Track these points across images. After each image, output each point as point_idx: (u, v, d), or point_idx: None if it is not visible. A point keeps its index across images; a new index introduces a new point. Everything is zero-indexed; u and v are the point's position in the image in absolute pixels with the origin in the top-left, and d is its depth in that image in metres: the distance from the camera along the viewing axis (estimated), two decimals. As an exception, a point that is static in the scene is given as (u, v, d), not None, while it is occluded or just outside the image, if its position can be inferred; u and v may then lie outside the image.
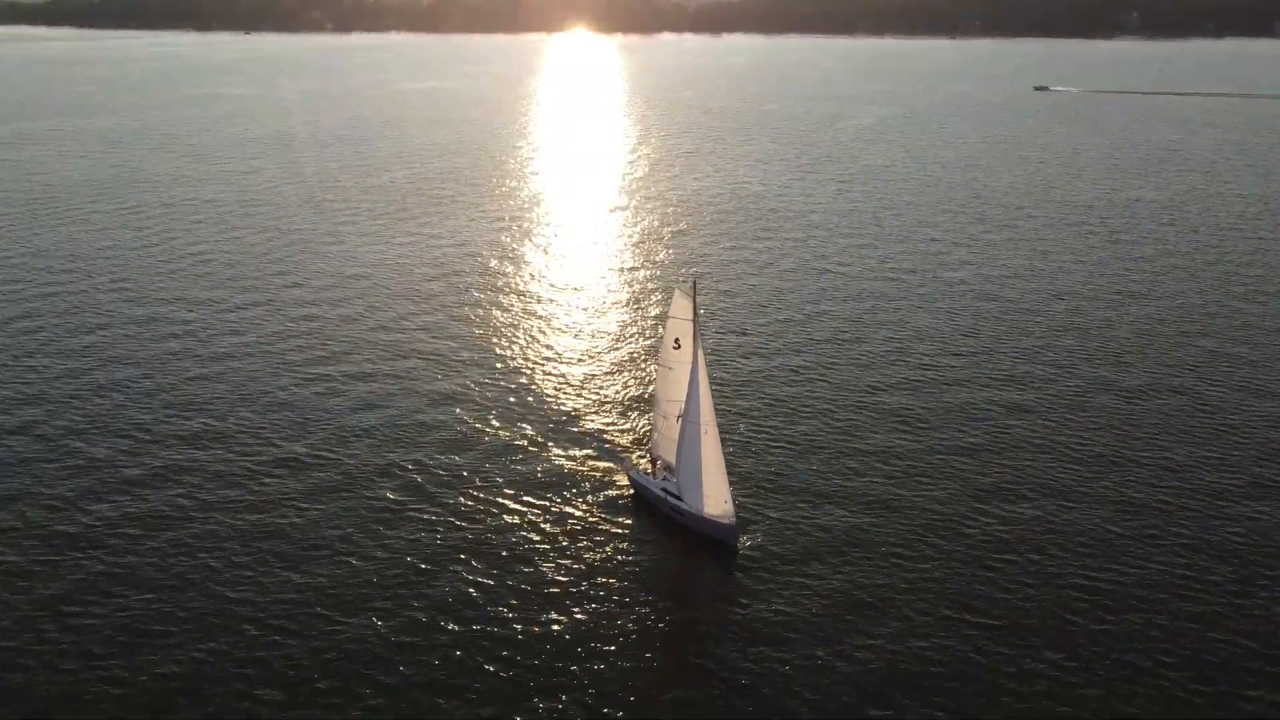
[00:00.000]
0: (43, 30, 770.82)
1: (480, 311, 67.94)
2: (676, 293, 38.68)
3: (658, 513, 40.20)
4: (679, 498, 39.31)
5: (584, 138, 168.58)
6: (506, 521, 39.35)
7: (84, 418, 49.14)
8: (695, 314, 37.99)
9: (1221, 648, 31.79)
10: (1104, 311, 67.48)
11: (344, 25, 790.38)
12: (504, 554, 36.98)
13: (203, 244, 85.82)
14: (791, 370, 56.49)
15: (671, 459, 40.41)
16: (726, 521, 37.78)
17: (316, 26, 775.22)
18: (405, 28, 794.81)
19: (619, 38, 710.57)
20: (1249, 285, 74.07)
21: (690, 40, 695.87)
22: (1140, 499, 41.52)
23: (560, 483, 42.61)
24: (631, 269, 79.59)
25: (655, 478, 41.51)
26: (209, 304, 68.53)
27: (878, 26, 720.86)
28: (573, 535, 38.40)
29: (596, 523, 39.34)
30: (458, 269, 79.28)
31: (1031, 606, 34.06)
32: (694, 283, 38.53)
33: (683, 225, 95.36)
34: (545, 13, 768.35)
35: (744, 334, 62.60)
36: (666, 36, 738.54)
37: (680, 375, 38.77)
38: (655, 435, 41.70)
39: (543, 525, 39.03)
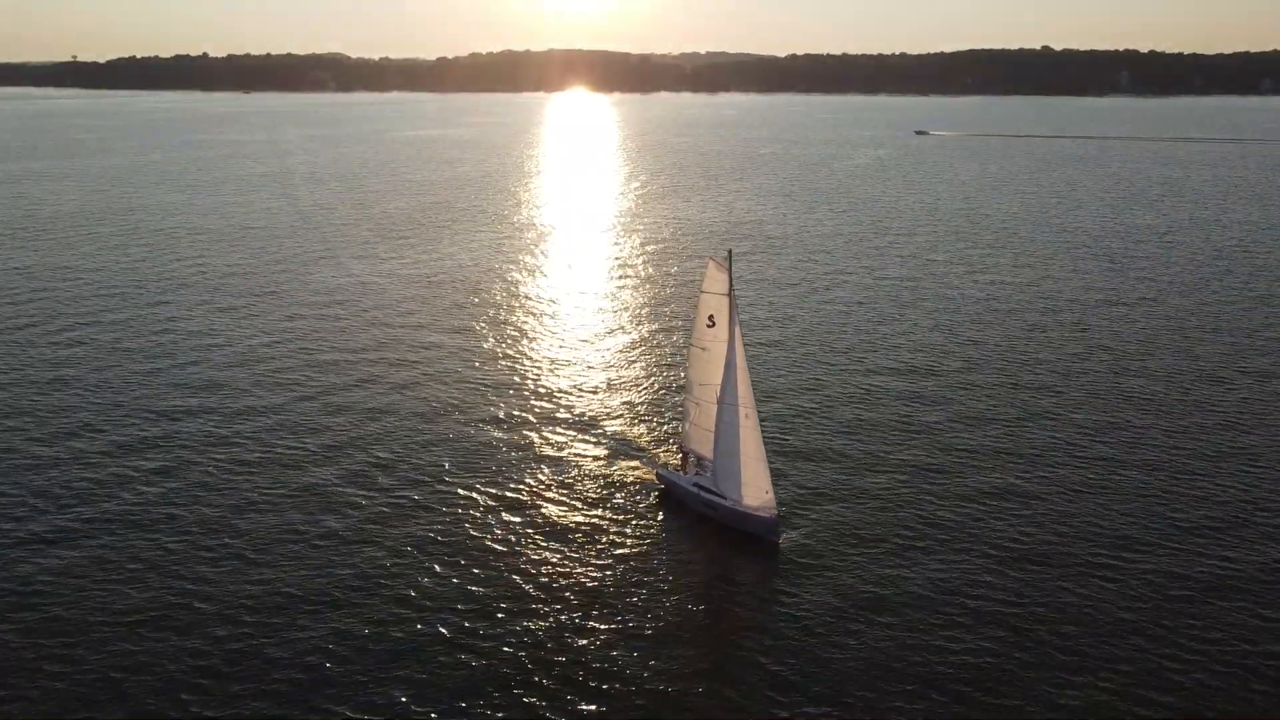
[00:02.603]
0: (49, 90, 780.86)
1: (490, 318, 64.99)
2: (710, 265, 35.58)
3: (690, 511, 36.59)
4: (714, 492, 35.78)
5: (583, 173, 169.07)
6: (528, 530, 35.60)
7: (73, 419, 45.79)
8: (731, 287, 34.93)
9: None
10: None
11: (346, 84, 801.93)
12: (527, 563, 33.23)
13: (197, 261, 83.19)
14: (825, 360, 53.33)
15: (704, 451, 36.95)
16: (767, 514, 34.19)
17: (319, 86, 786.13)
18: (407, 87, 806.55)
19: (617, 95, 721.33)
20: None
21: (687, 97, 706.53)
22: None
23: (583, 486, 38.95)
24: (637, 279, 76.99)
25: (686, 473, 38.02)
26: (206, 315, 65.53)
27: (870, 85, 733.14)
28: (598, 541, 34.60)
29: (623, 526, 35.56)
30: (465, 278, 77.07)
31: (1084, 606, 30.53)
32: (729, 253, 35.44)
33: (685, 244, 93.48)
34: (544, 73, 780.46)
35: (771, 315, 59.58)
36: (664, 95, 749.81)
37: (715, 355, 35.51)
38: (686, 426, 38.23)
39: (566, 532, 35.25)
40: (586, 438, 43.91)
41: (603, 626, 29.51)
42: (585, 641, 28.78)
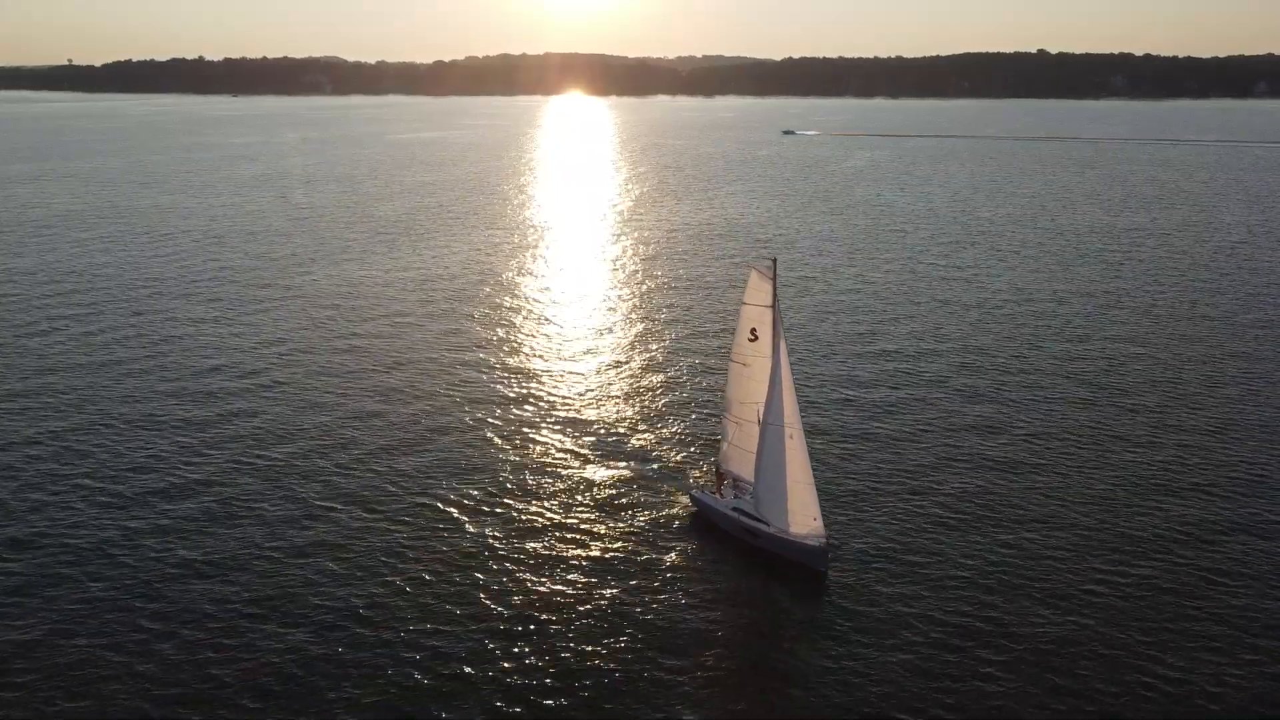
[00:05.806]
0: (45, 94, 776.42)
1: (504, 329, 62.83)
2: (753, 275, 33.46)
3: (727, 537, 34.46)
4: (755, 517, 33.64)
5: (584, 175, 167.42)
6: (549, 556, 33.44)
7: (64, 419, 43.54)
8: (775, 298, 32.83)
9: None
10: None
11: (343, 88, 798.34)
12: (549, 591, 31.08)
13: (193, 263, 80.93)
14: (866, 374, 51.27)
15: (744, 473, 34.81)
16: (814, 542, 32.05)
17: (315, 89, 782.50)
18: (403, 90, 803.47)
19: (613, 99, 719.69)
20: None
21: (683, 100, 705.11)
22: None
23: (608, 508, 36.77)
24: (655, 285, 74.89)
25: (723, 496, 35.89)
26: (203, 316, 63.25)
27: (866, 88, 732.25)
28: (628, 569, 32.38)
29: (654, 553, 33.37)
30: (473, 283, 75.00)
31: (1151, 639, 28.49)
32: (774, 262, 33.33)
33: (699, 248, 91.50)
34: (541, 76, 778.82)
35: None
36: (660, 98, 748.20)
37: (758, 371, 33.38)
38: (724, 446, 36.07)
39: (590, 558, 33.10)
40: (611, 456, 41.71)
41: (632, 659, 27.31)
42: (612, 674, 26.62)
